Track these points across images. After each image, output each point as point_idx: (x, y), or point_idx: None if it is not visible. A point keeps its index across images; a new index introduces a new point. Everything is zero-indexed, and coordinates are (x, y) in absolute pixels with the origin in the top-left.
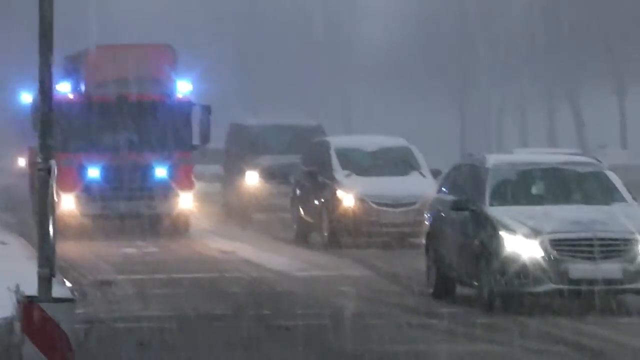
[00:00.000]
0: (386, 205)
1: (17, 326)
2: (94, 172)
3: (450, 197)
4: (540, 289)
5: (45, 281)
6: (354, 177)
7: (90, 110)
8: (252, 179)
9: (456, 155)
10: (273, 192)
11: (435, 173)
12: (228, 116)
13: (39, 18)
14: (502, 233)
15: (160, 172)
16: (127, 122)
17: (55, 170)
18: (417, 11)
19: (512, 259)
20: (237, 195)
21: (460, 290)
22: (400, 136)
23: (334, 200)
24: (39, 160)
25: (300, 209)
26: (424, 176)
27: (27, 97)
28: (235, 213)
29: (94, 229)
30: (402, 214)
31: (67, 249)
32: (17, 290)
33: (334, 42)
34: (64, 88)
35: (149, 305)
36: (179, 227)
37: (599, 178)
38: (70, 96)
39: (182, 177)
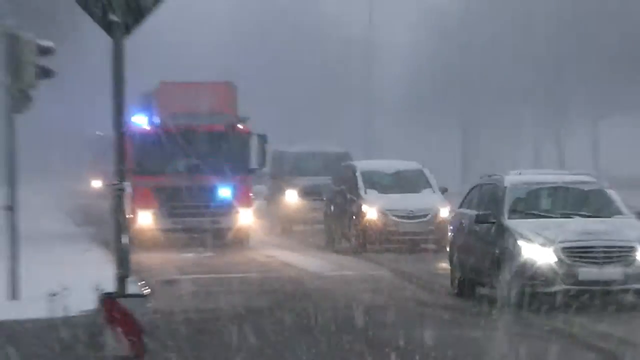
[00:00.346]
0: (403, 217)
1: (99, 317)
2: (167, 193)
3: (473, 212)
4: (552, 289)
5: (121, 280)
6: (376, 194)
7: (163, 140)
8: (291, 197)
9: (457, 176)
10: (309, 207)
11: (443, 190)
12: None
13: (112, 70)
14: (521, 242)
15: (223, 192)
16: (195, 150)
17: (126, 190)
18: (425, 54)
19: (529, 264)
20: (279, 211)
21: (481, 291)
22: (412, 160)
23: (360, 214)
24: (115, 182)
25: (332, 221)
26: (434, 192)
27: (98, 134)
28: (278, 225)
29: (167, 241)
30: (416, 224)
31: (142, 256)
32: (99, 288)
33: (354, 81)
34: (140, 120)
35: (205, 300)
36: (239, 240)
37: (601, 195)
38: (146, 127)
39: (242, 196)
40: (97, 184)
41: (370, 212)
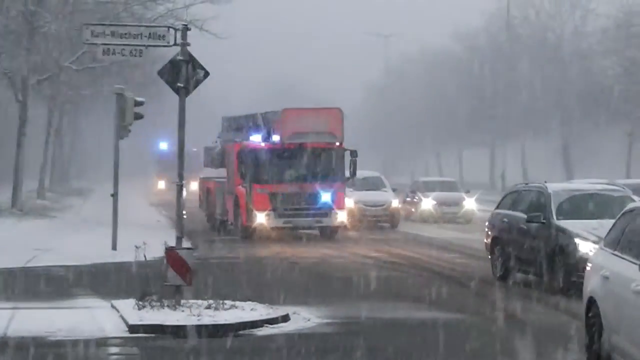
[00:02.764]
0: (370, 205)
1: (165, 261)
2: (279, 197)
3: (517, 213)
4: None
5: (178, 239)
6: (354, 191)
7: (278, 154)
8: None
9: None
10: None
11: (394, 189)
12: None
13: (178, 114)
14: (577, 240)
15: (325, 197)
16: (303, 163)
17: (184, 186)
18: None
19: (585, 259)
20: None
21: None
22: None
23: None
24: (177, 181)
25: None
26: (387, 191)
27: (163, 145)
28: None
29: (277, 236)
30: (377, 210)
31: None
32: (165, 244)
33: None
34: (258, 139)
35: (228, 252)
36: (336, 236)
37: (629, 200)
38: (263, 144)
39: (338, 201)
40: (161, 184)
41: (348, 203)
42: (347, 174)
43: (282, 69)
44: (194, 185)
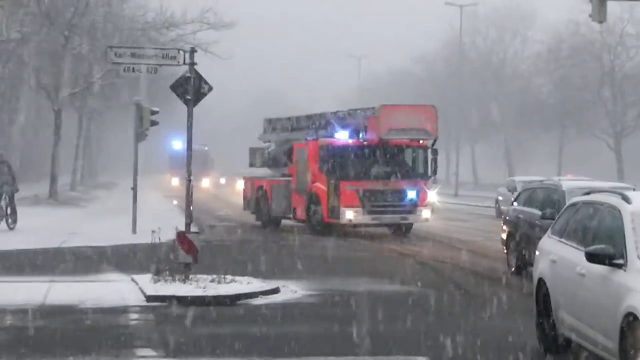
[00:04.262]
0: None
1: (176, 242)
2: (367, 194)
3: (532, 210)
4: None
5: (187, 224)
6: None
7: (364, 151)
8: None
9: None
10: None
11: None
12: None
13: (187, 121)
14: None
15: (411, 194)
16: (390, 159)
17: (192, 181)
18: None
19: None
20: None
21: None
22: None
23: None
24: (187, 177)
25: None
26: None
27: (177, 144)
28: None
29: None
30: None
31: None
32: (177, 228)
33: None
34: (342, 136)
35: (229, 235)
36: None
37: None
38: (350, 141)
39: (423, 198)
40: (175, 180)
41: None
42: (430, 171)
43: (269, 84)
44: (205, 182)
